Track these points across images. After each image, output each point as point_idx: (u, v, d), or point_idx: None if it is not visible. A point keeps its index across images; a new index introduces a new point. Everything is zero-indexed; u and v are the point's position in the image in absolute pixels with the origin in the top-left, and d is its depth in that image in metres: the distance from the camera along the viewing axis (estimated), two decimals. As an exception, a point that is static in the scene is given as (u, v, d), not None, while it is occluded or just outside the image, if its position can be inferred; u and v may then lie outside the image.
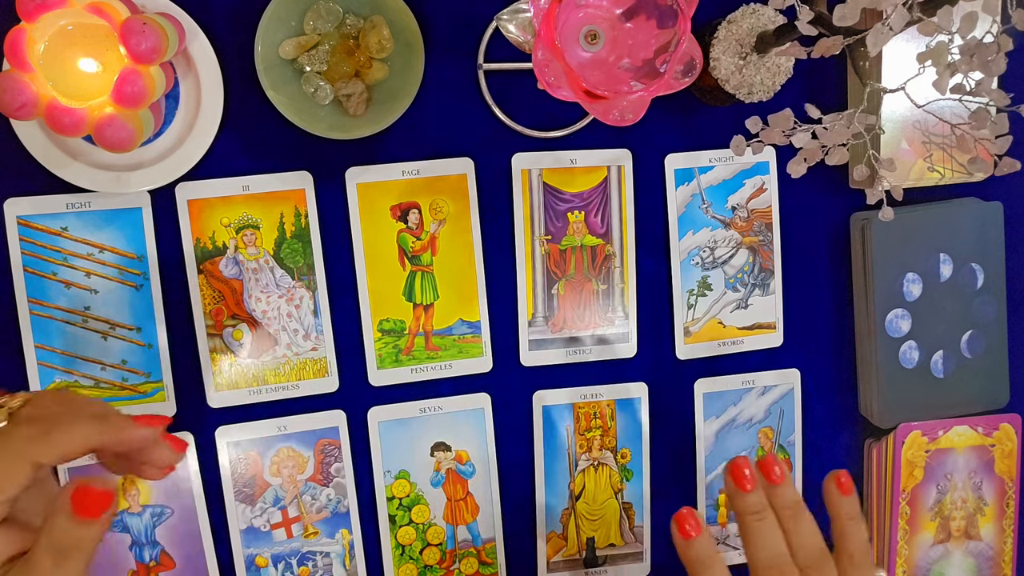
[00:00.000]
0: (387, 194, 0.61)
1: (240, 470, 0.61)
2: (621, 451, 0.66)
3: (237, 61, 0.57)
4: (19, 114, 0.48)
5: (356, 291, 0.61)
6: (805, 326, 0.68)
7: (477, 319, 0.63)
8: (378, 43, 0.56)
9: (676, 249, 0.65)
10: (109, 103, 0.49)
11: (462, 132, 0.62)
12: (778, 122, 0.47)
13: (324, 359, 0.61)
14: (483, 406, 0.64)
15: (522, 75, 0.61)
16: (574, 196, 0.64)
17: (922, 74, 0.42)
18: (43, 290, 0.58)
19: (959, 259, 0.67)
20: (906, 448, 0.67)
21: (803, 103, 0.47)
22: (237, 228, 0.60)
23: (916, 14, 0.41)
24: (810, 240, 0.68)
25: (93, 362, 0.59)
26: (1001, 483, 0.70)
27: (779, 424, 0.68)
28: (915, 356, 0.67)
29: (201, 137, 0.57)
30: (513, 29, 0.58)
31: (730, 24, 0.58)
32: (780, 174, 0.66)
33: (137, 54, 0.48)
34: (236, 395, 0.61)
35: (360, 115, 0.58)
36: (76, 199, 0.58)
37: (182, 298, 0.60)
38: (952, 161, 0.65)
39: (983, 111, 0.43)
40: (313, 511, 0.62)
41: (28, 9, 0.47)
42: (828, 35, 0.44)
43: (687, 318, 0.66)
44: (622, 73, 0.51)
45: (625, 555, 0.67)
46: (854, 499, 0.49)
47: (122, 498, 0.60)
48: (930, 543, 0.69)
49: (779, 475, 0.48)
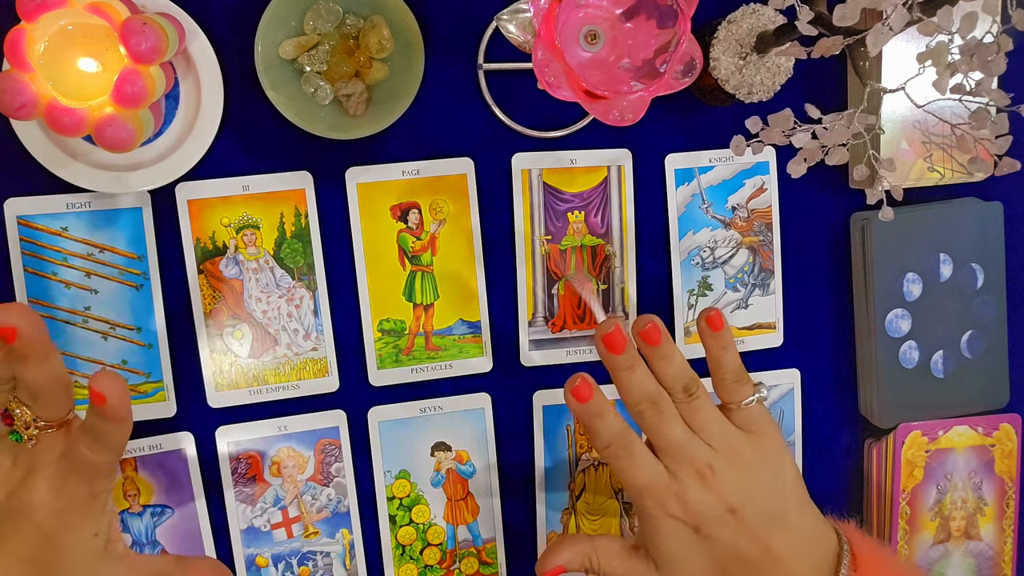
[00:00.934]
0: (387, 194, 0.61)
1: (240, 470, 0.61)
2: (621, 451, 0.66)
3: (237, 61, 0.57)
4: (19, 114, 0.48)
5: (356, 291, 0.61)
6: (805, 326, 0.68)
7: (477, 319, 0.63)
8: (378, 43, 0.56)
9: (676, 249, 0.65)
10: (109, 103, 0.49)
11: (462, 132, 0.62)
12: (778, 122, 0.47)
13: (324, 359, 0.61)
14: (483, 406, 0.64)
15: (522, 75, 0.61)
16: (574, 196, 0.64)
17: (922, 74, 0.42)
18: (43, 290, 0.58)
19: (959, 259, 0.67)
20: (906, 448, 0.67)
21: (803, 103, 0.47)
22: (237, 228, 0.60)
23: (916, 14, 0.41)
24: (810, 240, 0.68)
25: (93, 362, 0.59)
26: (1001, 483, 0.70)
27: (779, 424, 0.68)
28: (915, 356, 0.67)
29: (201, 137, 0.57)
30: (513, 29, 0.58)
31: (730, 24, 0.58)
32: (780, 174, 0.66)
33: (137, 54, 0.48)
34: (236, 395, 0.61)
35: (360, 115, 0.58)
36: (76, 199, 0.58)
37: (182, 298, 0.60)
38: (952, 161, 0.65)
39: (983, 111, 0.43)
40: (313, 511, 0.62)
41: (28, 9, 0.47)
42: (828, 35, 0.44)
43: (688, 318, 0.66)
44: (622, 73, 0.51)
45: (625, 555, 0.67)
46: (725, 332, 0.53)
47: (122, 498, 0.60)
48: (930, 543, 0.69)
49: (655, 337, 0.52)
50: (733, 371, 0.53)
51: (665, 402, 0.51)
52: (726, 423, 0.52)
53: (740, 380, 0.53)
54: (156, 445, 0.60)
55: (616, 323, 0.51)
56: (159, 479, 0.60)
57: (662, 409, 0.51)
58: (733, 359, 0.53)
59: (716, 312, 0.53)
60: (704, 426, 0.52)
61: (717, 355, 0.53)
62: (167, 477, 0.60)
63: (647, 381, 0.51)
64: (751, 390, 0.53)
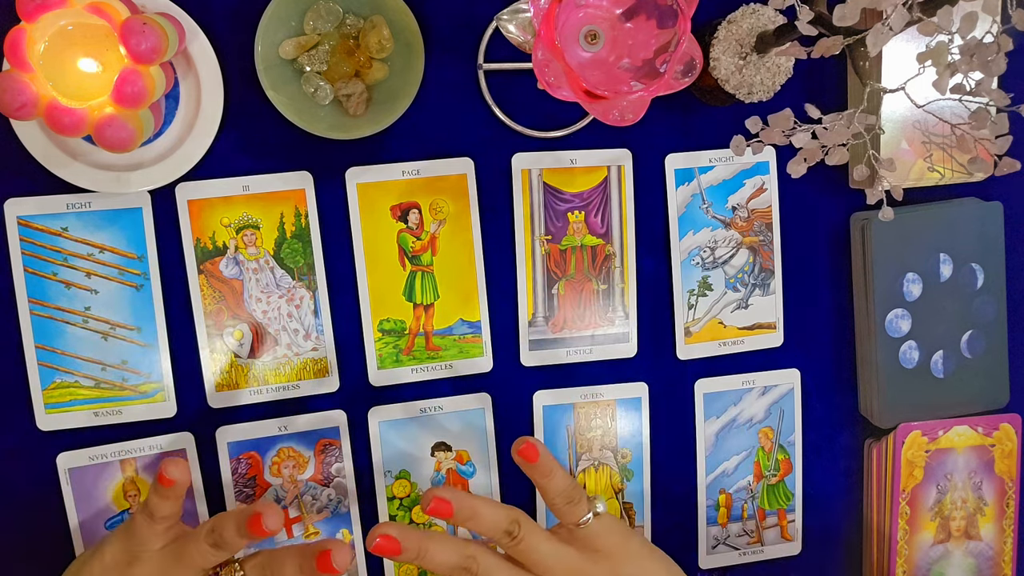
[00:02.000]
0: (387, 194, 0.61)
1: (240, 470, 0.61)
2: (621, 451, 0.66)
3: (237, 61, 0.57)
4: (19, 114, 0.48)
5: (356, 291, 0.61)
6: (805, 326, 0.68)
7: (477, 319, 0.63)
8: (378, 43, 0.56)
9: (676, 249, 0.65)
10: (109, 103, 0.49)
11: (462, 132, 0.62)
12: (778, 122, 0.47)
13: (324, 359, 0.61)
14: (483, 406, 0.64)
15: (522, 75, 0.61)
16: (574, 196, 0.64)
17: (922, 74, 0.42)
18: (43, 290, 0.58)
19: (959, 259, 0.67)
20: (906, 448, 0.67)
21: (803, 103, 0.47)
22: (237, 228, 0.60)
23: (916, 14, 0.41)
24: (810, 240, 0.68)
25: (93, 362, 0.59)
26: (1001, 483, 0.70)
27: (779, 424, 0.68)
28: (915, 356, 0.67)
29: (201, 137, 0.57)
30: (513, 29, 0.58)
31: (730, 24, 0.58)
32: (780, 174, 0.66)
33: (137, 54, 0.48)
34: (236, 395, 0.61)
35: (360, 115, 0.58)
36: (76, 199, 0.58)
37: (182, 298, 0.60)
38: (952, 161, 0.65)
39: (983, 111, 0.43)
40: (314, 511, 0.62)
41: (28, 9, 0.47)
42: (828, 35, 0.44)
43: (688, 318, 0.66)
44: (622, 73, 0.51)
45: (625, 555, 0.67)
46: (543, 460, 0.52)
47: (122, 498, 0.60)
48: (930, 543, 0.69)
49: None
50: (562, 494, 0.52)
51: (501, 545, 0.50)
52: (561, 550, 0.51)
53: (571, 501, 0.52)
54: (156, 445, 0.60)
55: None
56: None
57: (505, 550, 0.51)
58: (559, 483, 0.52)
59: (528, 444, 0.51)
60: (539, 562, 0.50)
61: (541, 483, 0.52)
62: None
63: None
64: (585, 508, 0.52)
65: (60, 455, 0.59)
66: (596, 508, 0.52)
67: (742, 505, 0.68)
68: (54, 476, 0.59)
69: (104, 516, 0.60)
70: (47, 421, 0.58)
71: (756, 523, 0.69)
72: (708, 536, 0.68)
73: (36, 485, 0.59)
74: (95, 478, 0.59)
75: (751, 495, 0.68)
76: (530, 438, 0.52)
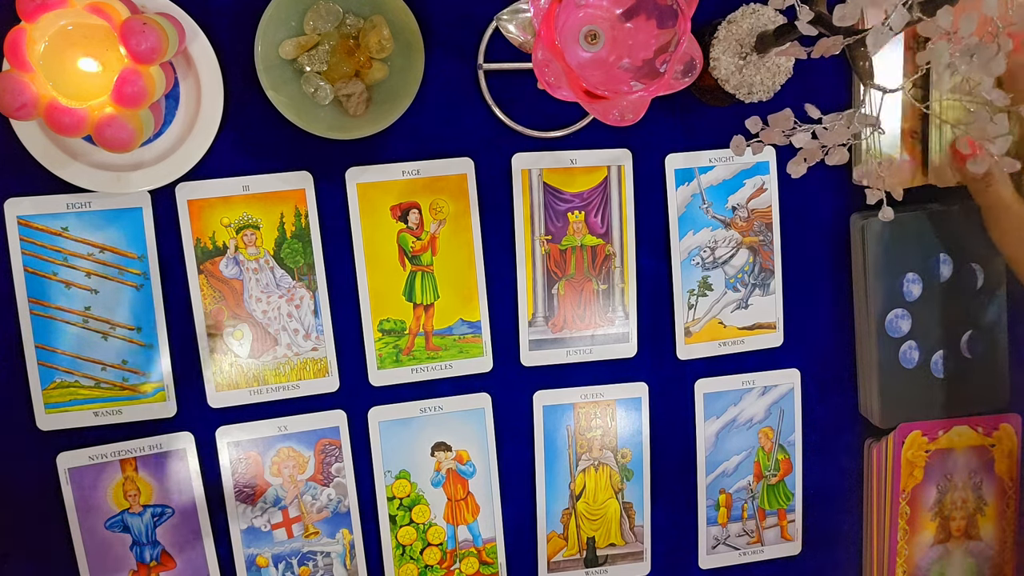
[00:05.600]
0: (387, 194, 0.61)
1: (240, 470, 0.61)
2: (621, 451, 0.66)
3: (237, 61, 0.57)
4: (19, 114, 0.48)
5: (356, 291, 0.61)
6: (805, 326, 0.68)
7: (477, 319, 0.63)
8: (378, 43, 0.56)
9: (676, 249, 0.65)
10: (109, 103, 0.49)
11: (462, 132, 0.62)
12: (778, 122, 0.47)
13: (324, 359, 0.61)
14: (483, 406, 0.64)
15: (522, 75, 0.61)
16: (574, 196, 0.64)
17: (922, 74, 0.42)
18: (43, 290, 0.58)
19: (959, 259, 0.67)
20: (906, 448, 0.67)
21: (803, 103, 0.47)
22: (237, 228, 0.60)
23: (916, 14, 0.41)
24: (810, 240, 0.68)
25: (93, 362, 0.59)
26: (1001, 483, 0.70)
27: (779, 424, 0.68)
28: (915, 356, 0.67)
29: (201, 137, 0.57)
30: (513, 29, 0.58)
31: (730, 24, 0.58)
32: (780, 174, 0.66)
33: (137, 54, 0.48)
34: (236, 395, 0.61)
35: (360, 115, 0.58)
36: (76, 199, 0.58)
37: (182, 298, 0.60)
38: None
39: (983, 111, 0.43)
40: (314, 511, 0.62)
41: (28, 9, 0.47)
42: (828, 35, 0.44)
43: (688, 318, 0.66)
44: (622, 73, 0.51)
45: (625, 555, 0.67)
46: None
47: (122, 498, 0.60)
48: (930, 543, 0.69)
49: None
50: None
51: None
52: None
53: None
54: (156, 445, 0.60)
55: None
56: (159, 479, 0.60)
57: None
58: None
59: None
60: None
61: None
62: (167, 477, 0.60)
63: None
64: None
65: (60, 455, 0.59)
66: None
67: (742, 505, 0.68)
68: (54, 476, 0.59)
69: (104, 516, 0.60)
70: (47, 421, 0.58)
71: (756, 523, 0.69)
72: (708, 536, 0.68)
73: (36, 485, 0.59)
74: (95, 478, 0.59)
75: (751, 495, 0.68)
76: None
